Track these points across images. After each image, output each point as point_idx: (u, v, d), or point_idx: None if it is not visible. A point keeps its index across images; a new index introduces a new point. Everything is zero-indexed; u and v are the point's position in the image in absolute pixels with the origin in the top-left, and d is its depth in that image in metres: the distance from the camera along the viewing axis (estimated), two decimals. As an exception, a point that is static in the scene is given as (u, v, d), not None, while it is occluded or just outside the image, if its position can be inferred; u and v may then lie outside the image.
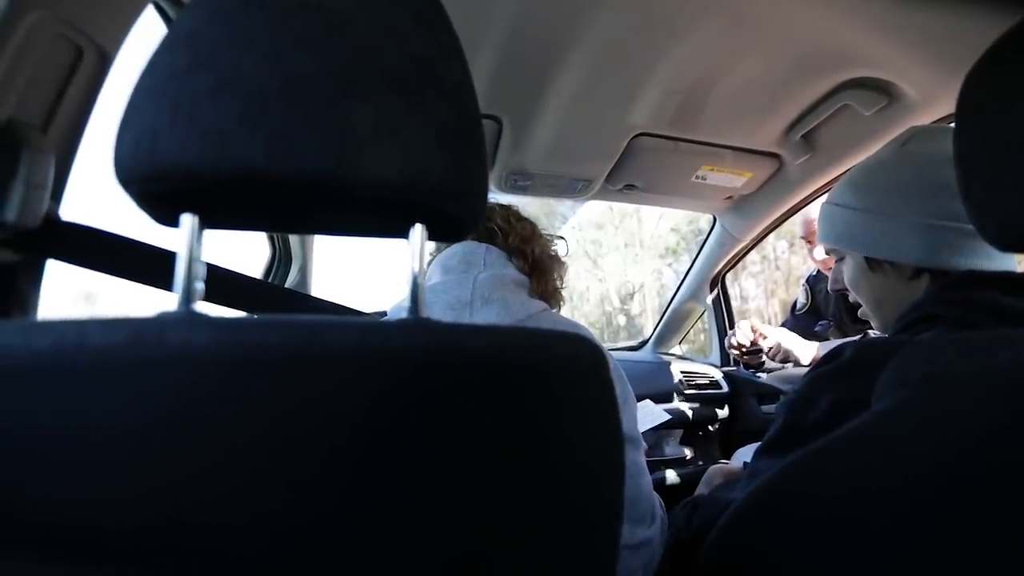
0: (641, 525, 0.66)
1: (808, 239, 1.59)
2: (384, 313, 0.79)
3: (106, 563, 0.23)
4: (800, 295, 1.76)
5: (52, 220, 0.59)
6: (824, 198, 0.73)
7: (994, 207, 0.37)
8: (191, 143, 0.28)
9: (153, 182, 0.29)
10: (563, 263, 0.85)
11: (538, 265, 0.79)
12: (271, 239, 1.32)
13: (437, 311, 0.67)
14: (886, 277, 0.64)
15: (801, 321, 1.73)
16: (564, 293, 0.86)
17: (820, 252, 1.54)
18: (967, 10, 0.71)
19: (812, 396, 0.55)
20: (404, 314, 0.33)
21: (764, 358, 1.47)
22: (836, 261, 0.73)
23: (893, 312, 0.64)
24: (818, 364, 0.57)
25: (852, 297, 0.71)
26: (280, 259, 1.34)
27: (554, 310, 0.78)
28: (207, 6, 0.30)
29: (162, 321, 0.25)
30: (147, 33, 0.66)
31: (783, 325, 1.79)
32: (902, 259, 0.61)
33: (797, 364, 1.31)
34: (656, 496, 0.73)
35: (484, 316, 0.67)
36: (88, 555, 0.23)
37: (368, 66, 0.30)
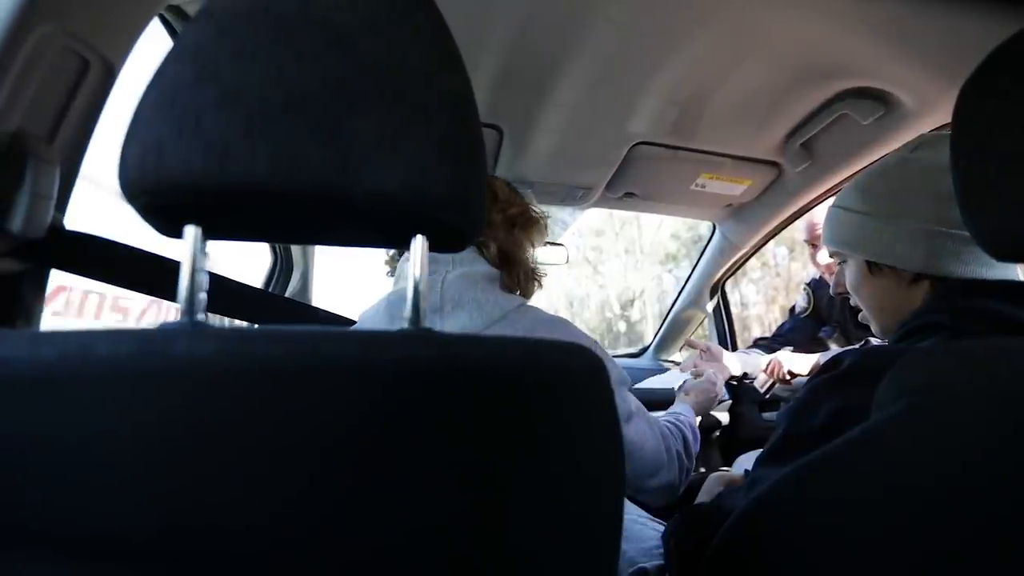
0: (653, 477, 0.75)
1: (811, 242, 1.59)
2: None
3: (108, 568, 0.23)
4: (801, 299, 1.76)
5: (56, 230, 0.59)
6: (830, 201, 0.73)
7: (990, 216, 0.38)
8: (196, 155, 0.29)
9: (158, 194, 0.30)
10: (535, 224, 0.78)
11: (507, 256, 0.75)
12: (273, 247, 1.33)
13: None
14: (886, 281, 0.64)
15: (802, 324, 1.72)
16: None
17: (823, 256, 1.54)
18: (964, 20, 0.72)
19: (813, 404, 0.55)
20: (377, 323, 0.33)
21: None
22: (839, 264, 0.73)
23: (892, 317, 0.64)
24: (819, 372, 0.57)
25: (853, 301, 0.71)
26: (282, 267, 1.35)
27: (530, 300, 0.75)
28: (213, 20, 0.31)
29: (166, 332, 0.26)
30: (152, 41, 0.67)
31: (782, 327, 1.79)
32: (902, 264, 0.61)
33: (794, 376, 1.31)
34: (669, 439, 0.79)
35: (455, 321, 0.65)
36: (90, 560, 0.23)
37: (370, 80, 0.31)
